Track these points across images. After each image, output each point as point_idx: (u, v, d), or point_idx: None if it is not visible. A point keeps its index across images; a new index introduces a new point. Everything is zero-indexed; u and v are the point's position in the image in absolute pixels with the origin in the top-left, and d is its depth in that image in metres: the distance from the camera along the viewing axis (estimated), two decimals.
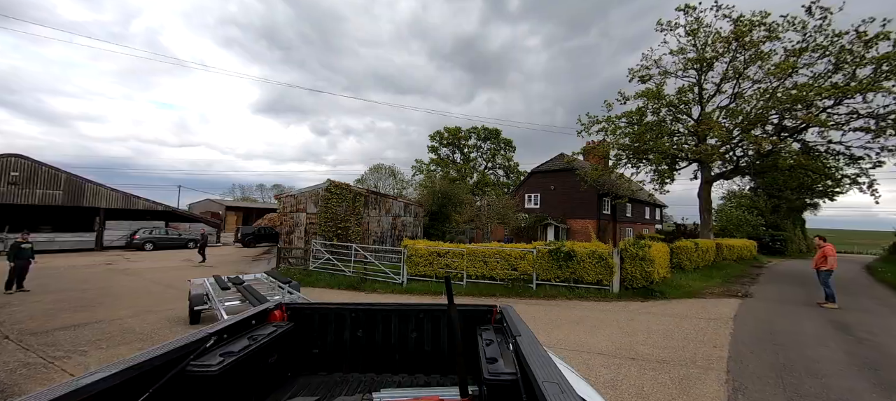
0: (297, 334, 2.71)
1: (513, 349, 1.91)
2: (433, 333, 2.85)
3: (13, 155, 21.92)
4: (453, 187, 24.59)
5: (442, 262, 12.05)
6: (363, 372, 2.77)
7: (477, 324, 2.63)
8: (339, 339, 2.81)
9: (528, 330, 2.11)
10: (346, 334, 2.81)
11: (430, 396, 1.97)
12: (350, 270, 13.76)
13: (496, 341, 2.17)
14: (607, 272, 10.75)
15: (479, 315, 2.77)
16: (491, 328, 2.46)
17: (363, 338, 2.81)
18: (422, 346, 2.82)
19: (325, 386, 2.53)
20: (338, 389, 2.49)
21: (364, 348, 2.81)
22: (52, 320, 8.47)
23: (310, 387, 2.50)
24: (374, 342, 2.82)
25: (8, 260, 10.90)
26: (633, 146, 19.50)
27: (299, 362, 2.74)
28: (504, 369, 1.72)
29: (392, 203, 20.50)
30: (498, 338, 2.24)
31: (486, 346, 2.05)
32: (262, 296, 6.98)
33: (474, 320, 2.72)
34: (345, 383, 2.59)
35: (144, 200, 27.26)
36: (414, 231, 21.41)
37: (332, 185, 18.16)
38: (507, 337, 2.16)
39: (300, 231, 17.53)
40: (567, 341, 6.83)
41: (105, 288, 12.13)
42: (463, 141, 51.81)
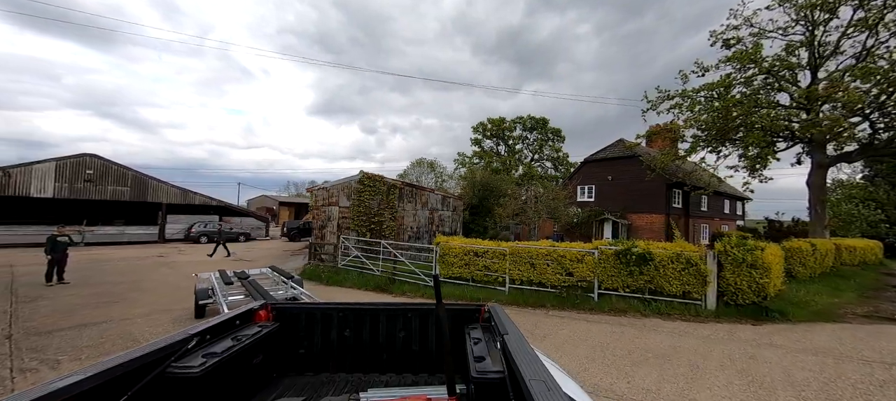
0: (282, 335, 2.63)
1: (500, 348, 1.88)
2: (421, 332, 2.75)
3: (88, 155, 23.67)
4: (495, 179, 22.32)
5: (480, 263, 10.05)
6: (350, 372, 2.68)
7: (465, 323, 2.55)
8: (325, 339, 2.72)
9: (515, 328, 2.04)
10: (332, 334, 2.71)
11: (417, 395, 1.91)
12: (379, 269, 12.30)
13: (484, 339, 2.14)
14: (698, 282, 8.04)
15: (467, 314, 2.68)
16: (479, 327, 2.40)
17: (350, 338, 2.72)
18: (410, 345, 2.73)
19: (312, 387, 2.46)
20: (324, 389, 2.42)
21: (351, 347, 2.73)
22: (67, 317, 8.03)
23: (296, 387, 2.43)
24: (361, 342, 2.73)
25: (45, 253, 10.90)
26: (715, 125, 15.86)
27: (285, 362, 2.66)
28: (491, 367, 1.72)
29: (429, 196, 18.84)
30: (486, 336, 2.20)
31: (473, 344, 2.04)
32: (265, 291, 6.90)
33: (462, 319, 2.62)
34: (331, 384, 2.53)
35: (201, 195, 28.48)
36: (452, 226, 19.61)
37: (365, 176, 16.91)
38: (495, 336, 2.12)
39: (333, 226, 16.53)
40: (664, 395, 4.47)
41: (138, 282, 11.86)
42: (507, 132, 48.96)
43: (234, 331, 2.31)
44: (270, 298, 6.26)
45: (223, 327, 2.27)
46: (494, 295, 9.49)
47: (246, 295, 7.01)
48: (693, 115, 16.45)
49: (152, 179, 26.03)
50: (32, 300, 9.27)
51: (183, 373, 1.72)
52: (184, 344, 1.88)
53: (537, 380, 1.31)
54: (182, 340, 1.89)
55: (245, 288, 7.53)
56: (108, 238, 23.90)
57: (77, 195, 22.93)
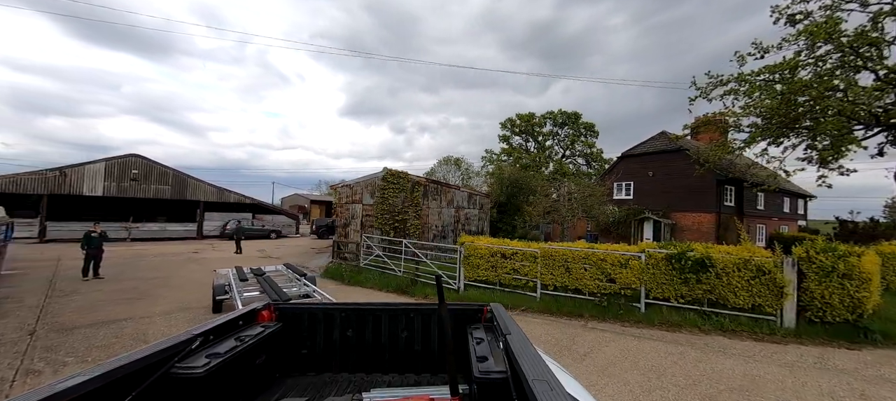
0: (285, 335, 2.59)
1: (503, 348, 1.87)
2: (423, 332, 2.70)
3: (133, 155, 24.97)
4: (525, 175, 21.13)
5: (508, 265, 9.14)
6: (353, 372, 2.65)
7: (467, 323, 2.53)
8: (328, 339, 2.68)
9: (518, 329, 2.01)
10: (335, 334, 2.67)
11: (420, 395, 1.88)
12: (401, 269, 11.69)
13: (486, 339, 2.13)
14: (772, 294, 6.70)
15: (470, 314, 2.65)
16: (481, 327, 2.39)
17: (353, 338, 2.68)
18: (412, 345, 2.69)
19: (315, 387, 2.43)
20: (327, 389, 2.40)
21: (354, 347, 2.69)
22: (90, 313, 8.04)
23: (298, 388, 2.40)
24: (364, 342, 2.69)
25: (81, 248, 11.21)
26: (780, 111, 13.87)
27: (288, 362, 2.62)
28: (494, 367, 1.71)
29: (454, 193, 18.07)
30: (488, 337, 2.19)
31: (476, 344, 2.03)
32: (278, 288, 6.86)
33: (465, 319, 2.60)
34: (334, 384, 2.50)
35: (235, 193, 29.40)
36: (479, 226, 18.72)
37: (389, 173, 16.41)
38: (498, 335, 2.11)
39: (356, 224, 16.18)
40: None
41: (167, 278, 11.99)
42: (537, 128, 47.18)
43: (237, 331, 2.28)
44: (283, 295, 6.37)
45: (226, 327, 2.24)
46: (524, 301, 8.56)
47: (261, 291, 7.01)
48: (752, 101, 14.52)
49: (191, 177, 27.09)
50: (66, 295, 9.45)
51: (187, 373, 1.70)
52: (188, 344, 1.86)
53: (540, 380, 1.31)
54: (186, 340, 1.88)
55: (260, 284, 7.53)
56: (151, 234, 25.11)
57: (123, 193, 24.23)
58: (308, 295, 7.19)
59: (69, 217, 23.57)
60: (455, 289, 9.95)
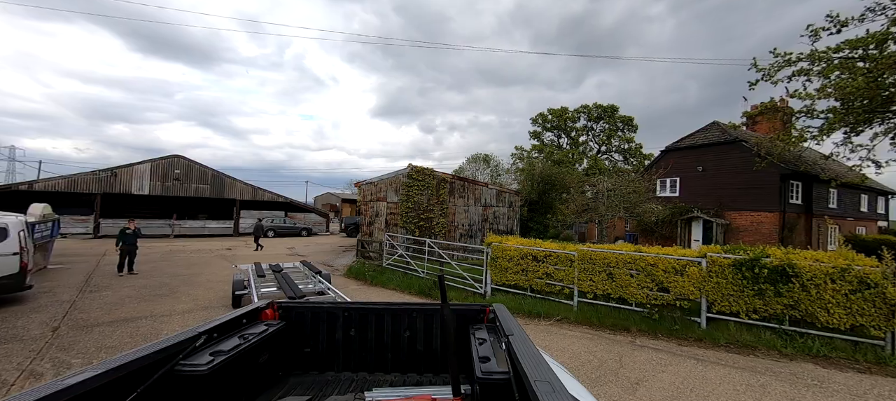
0: (288, 333, 2.59)
1: (505, 348, 1.87)
2: (426, 332, 2.69)
3: (176, 156, 26.21)
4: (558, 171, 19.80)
5: (540, 269, 8.19)
6: (355, 371, 2.64)
7: (470, 323, 2.51)
8: (331, 338, 2.67)
9: (520, 329, 2.01)
10: (338, 333, 2.67)
11: (422, 395, 1.95)
12: (424, 270, 11.03)
13: (489, 339, 2.12)
14: (880, 313, 5.31)
15: (472, 314, 2.62)
16: (484, 327, 2.38)
17: (356, 337, 2.67)
18: (414, 345, 2.68)
19: (317, 385, 2.43)
20: (330, 388, 2.40)
21: (356, 347, 2.68)
22: (114, 310, 8.08)
23: (301, 386, 2.40)
24: (366, 341, 2.68)
25: (116, 244, 11.52)
26: (863, 94, 11.78)
27: (291, 361, 2.62)
28: (497, 367, 1.70)
29: (482, 190, 17.19)
30: (491, 337, 2.18)
31: (478, 345, 2.02)
32: (294, 284, 7.11)
33: (467, 319, 2.57)
34: (337, 383, 2.49)
35: (269, 192, 30.20)
36: (508, 225, 17.71)
37: (414, 170, 15.82)
38: (500, 336, 2.11)
39: (381, 222, 15.74)
40: None
41: (196, 275, 12.10)
42: (570, 123, 45.09)
43: (240, 329, 2.28)
44: (298, 292, 6.54)
45: (230, 325, 2.23)
46: (559, 310, 7.59)
47: (277, 287, 7.24)
48: (829, 82, 12.48)
49: (228, 177, 28.10)
50: (98, 290, 9.64)
51: (191, 371, 1.70)
52: (192, 342, 1.86)
53: (542, 381, 1.29)
54: (190, 338, 1.87)
55: (277, 281, 7.75)
56: (192, 231, 26.28)
57: (167, 192, 25.50)
58: (322, 292, 7.23)
59: (120, 214, 25.12)
60: (481, 293, 9.13)
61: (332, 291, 7.11)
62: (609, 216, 15.50)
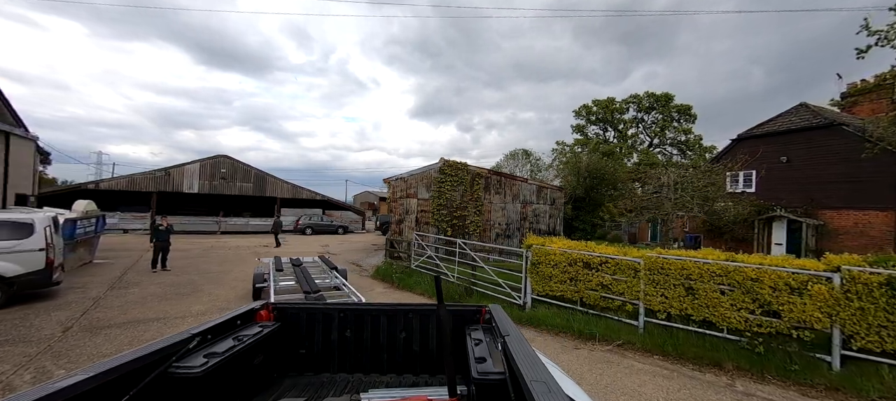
0: (283, 335, 2.56)
1: (501, 349, 1.85)
2: (422, 333, 2.66)
3: (221, 155, 27.29)
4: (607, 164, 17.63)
5: (593, 278, 6.63)
6: (351, 373, 2.61)
7: (466, 324, 2.49)
8: (326, 339, 2.64)
9: (516, 330, 2.00)
10: (333, 335, 2.64)
11: (418, 396, 1.93)
12: (455, 274, 9.82)
13: (485, 340, 2.10)
14: None
15: (468, 315, 2.61)
16: (480, 328, 2.36)
17: (351, 338, 2.64)
18: (410, 346, 2.65)
19: (313, 387, 2.41)
20: (325, 389, 2.37)
21: (352, 348, 2.64)
22: (132, 310, 7.86)
23: (297, 388, 2.38)
24: (362, 342, 2.65)
25: (150, 241, 11.55)
26: None
27: (286, 362, 2.59)
28: (493, 368, 1.69)
29: (520, 186, 15.62)
30: (487, 338, 2.15)
31: (474, 345, 2.00)
32: (311, 278, 7.10)
33: (463, 320, 2.55)
34: (332, 384, 2.47)
35: (307, 190, 30.67)
36: (551, 224, 15.98)
37: (446, 164, 14.66)
38: (496, 337, 2.09)
39: (411, 220, 14.78)
40: None
41: (224, 273, 11.87)
42: (618, 114, 41.60)
43: (235, 331, 2.22)
44: (314, 286, 6.41)
45: (224, 326, 2.18)
46: (619, 331, 6.02)
47: (295, 281, 7.28)
48: None
49: (269, 175, 28.84)
50: (127, 287, 9.54)
51: (184, 373, 1.68)
52: (185, 344, 1.82)
53: (538, 381, 1.29)
54: (184, 339, 1.84)
55: (295, 274, 7.81)
56: (236, 228, 27.22)
57: (214, 190, 26.59)
58: (338, 288, 7.23)
59: (173, 211, 26.60)
60: (519, 305, 7.73)
61: (347, 288, 6.97)
62: (676, 215, 13.16)
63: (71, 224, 10.55)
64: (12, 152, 13.94)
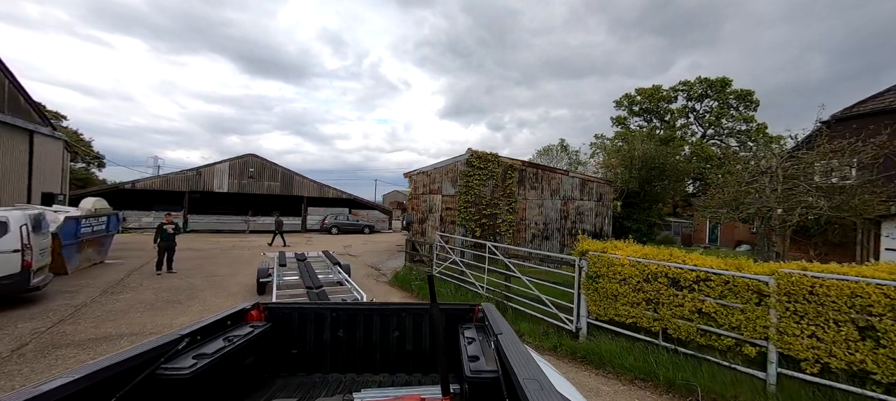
0: (275, 335, 2.51)
1: (494, 347, 1.86)
2: (415, 332, 2.64)
3: (250, 155, 27.13)
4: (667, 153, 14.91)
5: (686, 302, 4.53)
6: (343, 372, 2.58)
7: (459, 322, 2.45)
8: (318, 339, 2.60)
9: (509, 328, 1.99)
10: (325, 334, 2.60)
11: (411, 395, 1.86)
12: (483, 285, 7.98)
13: (478, 339, 2.09)
14: None
15: (461, 314, 2.57)
16: (473, 327, 2.34)
17: (343, 338, 2.61)
18: (403, 345, 2.63)
19: (305, 387, 2.37)
20: (317, 390, 2.35)
21: (344, 348, 2.61)
22: (111, 321, 7.11)
23: (288, 388, 2.35)
24: (354, 342, 2.61)
25: (154, 242, 10.68)
26: None
27: (277, 363, 2.55)
28: (486, 367, 1.70)
29: (560, 180, 13.45)
30: (480, 336, 2.14)
31: (467, 344, 2.00)
32: (314, 273, 7.37)
33: (456, 319, 2.50)
34: (324, 384, 2.44)
35: (333, 189, 29.98)
36: (597, 223, 13.65)
37: (474, 155, 12.83)
38: (489, 335, 2.09)
39: (434, 219, 13.10)
40: None
41: (232, 276, 10.82)
42: (664, 104, 37.63)
43: (225, 331, 2.18)
44: (317, 281, 6.49)
45: (214, 327, 2.14)
46: (736, 387, 3.92)
47: (298, 276, 7.29)
48: None
49: (296, 174, 28.40)
50: (120, 292, 8.63)
51: (173, 375, 1.64)
52: (174, 345, 1.79)
53: (531, 379, 1.28)
54: (173, 341, 1.80)
55: (299, 270, 7.82)
56: (264, 227, 26.88)
57: (242, 189, 26.44)
58: (341, 283, 7.08)
59: (204, 210, 26.80)
60: (570, 331, 5.75)
61: (349, 283, 6.84)
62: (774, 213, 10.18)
63: (73, 223, 9.86)
64: (39, 151, 13.81)
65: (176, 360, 1.72)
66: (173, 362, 1.69)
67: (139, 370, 1.54)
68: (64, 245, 9.49)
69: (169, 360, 1.70)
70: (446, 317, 2.38)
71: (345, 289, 6.60)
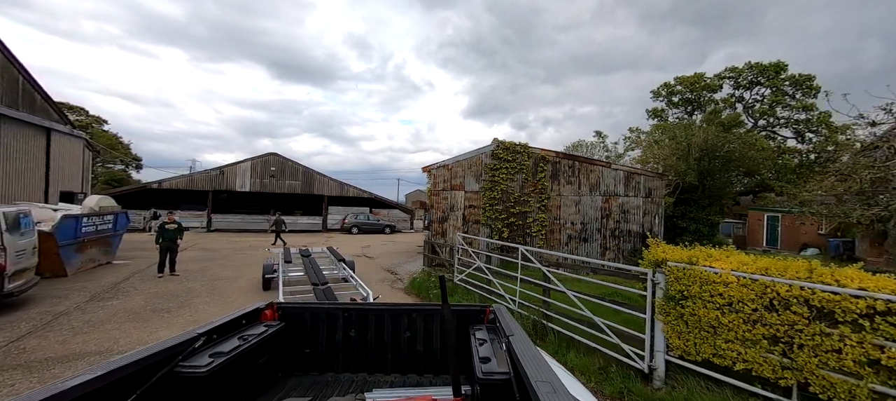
0: (288, 334, 2.52)
1: (506, 349, 1.84)
2: (426, 332, 2.62)
3: (271, 154, 26.81)
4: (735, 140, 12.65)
5: (850, 348, 2.87)
6: (355, 372, 2.58)
7: (470, 323, 2.42)
8: (331, 339, 2.61)
9: (520, 330, 1.96)
10: (338, 334, 2.60)
11: (422, 395, 1.90)
12: (515, 300, 6.45)
13: (489, 340, 2.07)
14: None
15: (473, 315, 2.54)
16: (484, 328, 2.31)
17: (355, 338, 2.60)
18: (414, 346, 2.61)
19: (317, 386, 2.39)
20: (329, 389, 2.35)
21: (356, 347, 2.61)
22: (82, 336, 6.34)
23: (301, 387, 2.36)
24: (366, 342, 2.61)
25: (155, 242, 9.90)
26: None
27: (290, 362, 2.56)
28: (497, 368, 1.67)
29: (601, 173, 11.64)
30: (491, 337, 2.11)
31: (479, 345, 1.98)
32: (319, 270, 7.22)
33: (467, 320, 2.48)
34: (337, 384, 2.45)
35: (354, 188, 29.23)
36: (646, 223, 11.74)
37: (500, 146, 11.31)
38: (500, 337, 2.06)
39: (456, 217, 11.68)
40: None
41: (236, 279, 9.93)
42: (708, 93, 34.31)
43: (240, 330, 2.19)
44: (322, 277, 6.57)
45: (229, 326, 2.16)
46: None
47: (303, 272, 7.30)
48: None
49: (317, 173, 27.86)
50: (112, 297, 7.86)
51: (190, 372, 1.67)
52: (191, 343, 1.81)
53: (543, 381, 1.27)
54: (189, 339, 1.83)
55: (303, 266, 7.82)
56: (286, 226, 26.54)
57: (264, 189, 26.14)
58: (346, 279, 7.04)
59: (228, 210, 26.74)
60: (641, 373, 4.14)
61: (354, 280, 6.81)
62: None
63: (72, 222, 9.23)
64: (57, 149, 13.59)
65: (193, 358, 1.73)
66: (190, 361, 1.70)
67: (158, 368, 1.56)
68: (61, 245, 8.86)
69: (186, 358, 1.71)
70: (457, 318, 2.33)
71: (350, 286, 6.55)
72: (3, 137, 11.19)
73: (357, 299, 4.91)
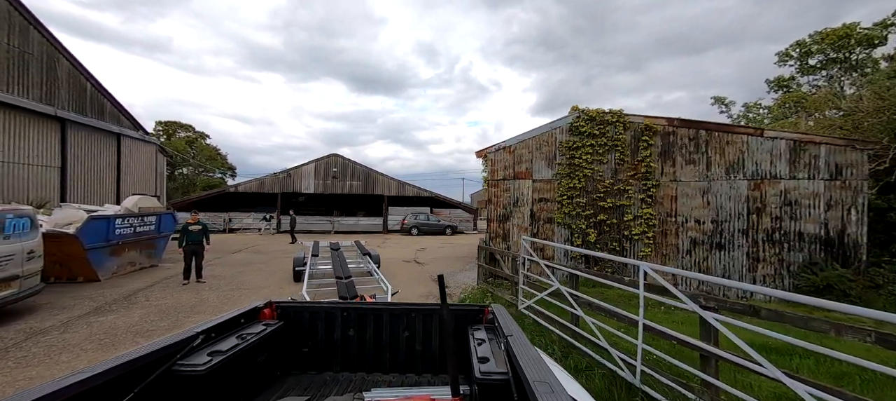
0: (286, 333, 2.49)
1: (504, 349, 1.81)
2: (425, 332, 2.58)
3: (333, 155, 26.62)
4: None
5: None
6: (354, 371, 2.55)
7: (469, 323, 2.36)
8: (329, 338, 2.58)
9: (519, 330, 1.94)
10: (336, 333, 2.57)
11: (421, 395, 1.81)
12: (635, 360, 3.36)
13: (488, 340, 2.02)
14: None
15: (471, 315, 2.49)
16: (482, 328, 2.24)
17: (354, 337, 2.57)
18: (413, 345, 2.58)
19: (315, 385, 2.36)
20: (328, 388, 2.33)
21: (355, 347, 2.58)
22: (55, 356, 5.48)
23: (299, 386, 2.33)
24: (365, 342, 2.58)
25: (179, 245, 8.86)
26: None
27: (289, 361, 2.54)
28: (495, 368, 1.64)
29: (746, 144, 7.58)
30: (489, 337, 2.05)
31: (477, 345, 1.94)
32: (345, 263, 7.78)
33: (466, 320, 2.43)
34: (335, 383, 2.41)
35: (413, 187, 27.73)
36: (832, 220, 7.31)
37: (583, 116, 8.05)
38: (499, 337, 2.01)
39: (522, 215, 8.70)
40: None
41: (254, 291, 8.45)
42: (863, 49, 25.40)
43: (238, 329, 2.17)
44: (347, 271, 6.97)
45: (228, 325, 2.15)
46: None
47: (331, 265, 7.65)
48: None
49: (376, 172, 26.96)
50: (112, 311, 6.79)
51: (189, 371, 1.64)
52: (190, 342, 1.78)
53: (541, 381, 1.27)
54: (188, 338, 1.79)
55: (331, 259, 8.19)
56: (347, 227, 26.03)
57: (327, 190, 25.98)
58: (370, 273, 7.32)
59: (297, 211, 27.14)
60: None
61: (377, 274, 7.06)
62: None
63: (101, 223, 8.61)
64: (128, 154, 14.00)
65: (192, 356, 1.71)
66: (189, 359, 1.69)
67: (156, 366, 1.54)
68: (89, 249, 8.22)
69: (185, 356, 1.70)
70: (456, 318, 2.37)
71: (373, 280, 6.89)
72: (72, 142, 11.43)
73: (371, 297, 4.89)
